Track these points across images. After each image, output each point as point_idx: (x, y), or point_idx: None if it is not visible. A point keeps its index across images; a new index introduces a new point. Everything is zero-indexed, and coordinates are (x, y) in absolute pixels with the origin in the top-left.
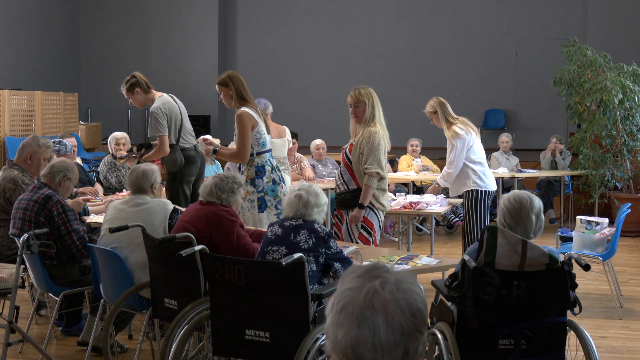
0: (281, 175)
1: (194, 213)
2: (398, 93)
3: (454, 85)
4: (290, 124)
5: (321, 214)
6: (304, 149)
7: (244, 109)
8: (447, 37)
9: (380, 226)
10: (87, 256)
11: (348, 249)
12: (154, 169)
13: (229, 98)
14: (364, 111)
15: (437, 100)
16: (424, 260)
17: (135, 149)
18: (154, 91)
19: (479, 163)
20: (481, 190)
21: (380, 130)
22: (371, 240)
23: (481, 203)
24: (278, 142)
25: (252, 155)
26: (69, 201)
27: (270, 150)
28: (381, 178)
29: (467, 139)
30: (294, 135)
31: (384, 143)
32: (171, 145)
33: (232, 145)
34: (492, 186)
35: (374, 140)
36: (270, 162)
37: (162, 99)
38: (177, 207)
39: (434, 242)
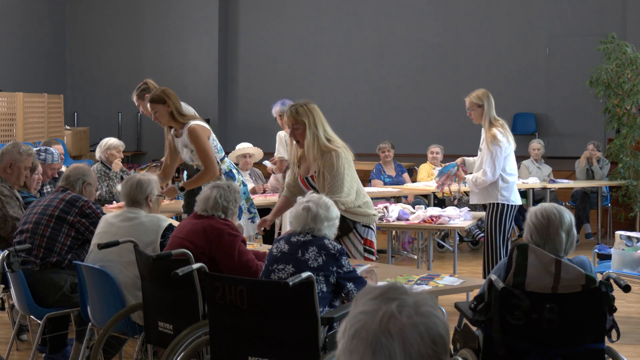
0: (241, 174)
1: (190, 228)
2: (417, 96)
3: (479, 86)
4: None
5: (332, 228)
6: None
7: (194, 122)
8: (472, 33)
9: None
10: None
11: (362, 268)
12: (151, 180)
13: (167, 116)
14: (303, 134)
15: (485, 92)
16: (446, 280)
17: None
18: None
19: (511, 174)
20: (508, 205)
21: (338, 150)
22: (374, 258)
23: (507, 218)
24: None
25: (217, 164)
26: None
27: (226, 155)
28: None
29: (504, 148)
30: None
31: (346, 162)
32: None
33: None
34: (519, 200)
35: (337, 166)
36: (232, 164)
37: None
38: (172, 223)
39: (457, 260)
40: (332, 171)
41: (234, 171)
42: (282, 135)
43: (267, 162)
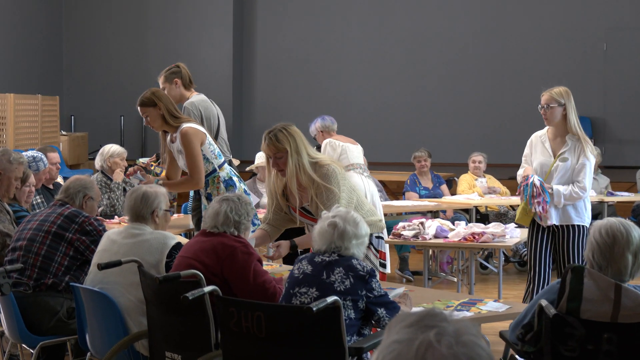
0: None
1: (199, 247)
2: (456, 98)
3: (527, 87)
4: None
5: (361, 247)
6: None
7: (187, 125)
8: (518, 27)
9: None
10: None
11: (394, 292)
12: (159, 193)
13: (159, 120)
14: (286, 162)
15: (568, 90)
16: (490, 305)
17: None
18: (193, 91)
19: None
20: (588, 229)
21: (330, 165)
22: (387, 273)
23: (585, 243)
24: (354, 148)
25: (214, 171)
26: None
27: (226, 161)
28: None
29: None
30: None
31: (340, 176)
32: None
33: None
34: None
35: (331, 182)
36: (233, 170)
37: (199, 96)
38: (181, 242)
39: (502, 283)
40: (326, 189)
41: (235, 179)
42: (327, 142)
43: None
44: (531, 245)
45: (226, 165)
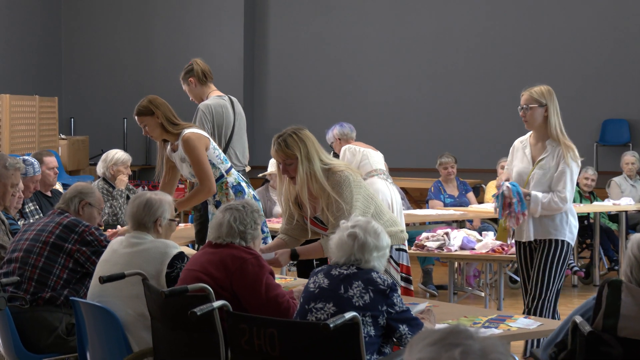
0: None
1: (206, 259)
2: (485, 99)
3: (560, 85)
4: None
5: (382, 259)
6: None
7: (188, 130)
8: (550, 19)
9: None
10: None
11: (417, 307)
12: (163, 200)
13: (158, 129)
14: (296, 169)
15: (550, 90)
16: (520, 322)
17: None
18: (212, 86)
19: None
20: (570, 246)
21: (344, 171)
22: (412, 288)
23: (566, 260)
24: (374, 154)
25: (222, 177)
26: None
27: (232, 165)
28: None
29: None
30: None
31: (354, 184)
32: None
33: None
34: None
35: (343, 191)
36: (241, 176)
37: (215, 98)
38: (184, 252)
39: None
40: (337, 201)
41: (243, 184)
42: (346, 148)
43: None
44: (520, 266)
45: (233, 170)
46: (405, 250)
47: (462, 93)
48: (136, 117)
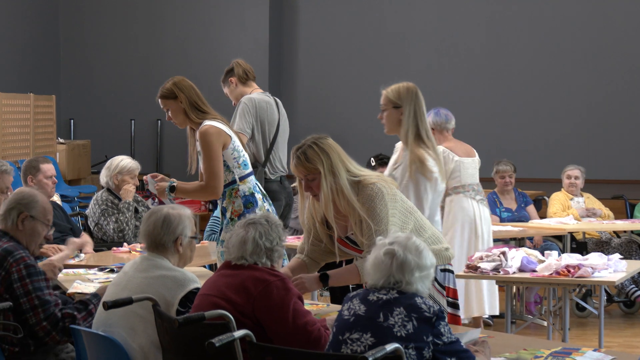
0: (271, 203)
1: (224, 282)
2: (548, 99)
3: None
4: (375, 140)
5: (425, 281)
6: None
7: (209, 122)
8: (627, 17)
9: None
10: (61, 340)
11: (469, 337)
12: (183, 216)
13: (181, 115)
14: (319, 185)
15: (412, 88)
16: (589, 356)
17: None
18: (254, 85)
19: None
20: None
21: (376, 184)
22: (462, 316)
23: None
24: (468, 162)
25: (234, 182)
26: (41, 263)
27: (253, 172)
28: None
29: (436, 184)
30: (383, 160)
31: (388, 197)
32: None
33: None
34: None
35: (376, 206)
36: (258, 187)
37: (259, 94)
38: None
39: (603, 328)
40: (366, 220)
41: (258, 196)
42: (440, 151)
43: None
44: None
45: (252, 178)
46: (451, 271)
47: (522, 92)
48: (159, 100)
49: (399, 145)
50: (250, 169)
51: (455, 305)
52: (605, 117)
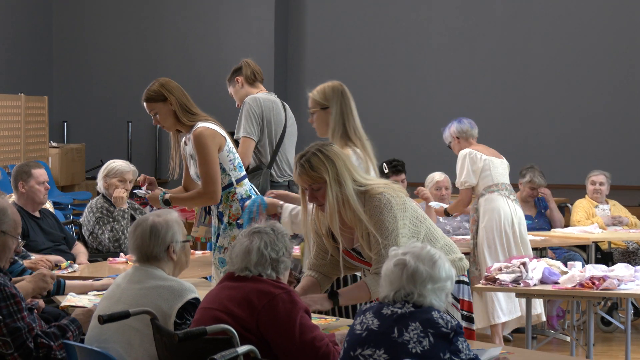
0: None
1: (226, 295)
2: (571, 99)
3: None
4: (387, 144)
5: (440, 294)
6: (416, 189)
7: (202, 124)
8: None
9: None
10: None
11: (487, 353)
12: (170, 221)
13: (170, 118)
14: (325, 195)
15: (338, 86)
16: None
17: None
18: (261, 86)
19: None
20: None
21: (384, 193)
22: (474, 328)
23: None
24: (497, 162)
25: (230, 185)
26: (27, 280)
27: (247, 175)
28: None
29: None
30: (397, 167)
31: (397, 207)
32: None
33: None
34: None
35: (384, 218)
36: (254, 189)
37: (264, 94)
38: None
39: (630, 344)
40: (373, 233)
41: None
42: (466, 153)
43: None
44: None
45: (246, 181)
46: (466, 283)
47: (543, 93)
48: (145, 104)
49: None
50: (244, 172)
51: (470, 319)
52: (632, 120)
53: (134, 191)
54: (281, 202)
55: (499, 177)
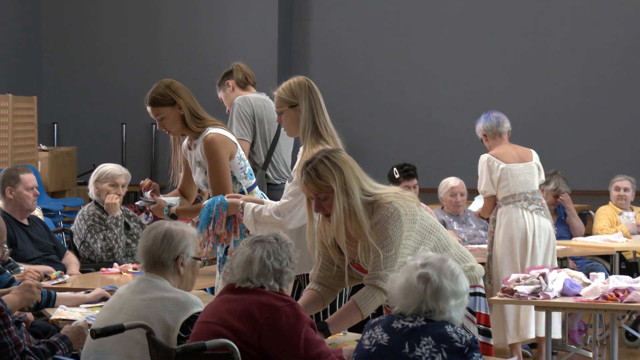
0: None
1: (225, 308)
2: (594, 102)
3: None
4: (396, 147)
5: (460, 309)
6: (429, 194)
7: (213, 130)
8: None
9: None
10: None
11: None
12: (186, 233)
13: (178, 123)
14: (332, 204)
15: (304, 82)
16: None
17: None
18: (253, 90)
19: None
20: None
21: (393, 203)
22: (492, 344)
23: None
24: (518, 169)
25: (241, 193)
26: (13, 292)
27: (257, 183)
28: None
29: None
30: (409, 171)
31: (405, 217)
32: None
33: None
34: None
35: (388, 227)
36: (265, 197)
37: (254, 94)
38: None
39: None
40: (374, 247)
41: None
42: (485, 160)
43: None
44: None
45: (257, 189)
46: (482, 295)
47: (565, 95)
48: (150, 108)
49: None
50: (254, 179)
51: (487, 333)
52: None
53: (137, 202)
54: (241, 201)
55: (518, 187)
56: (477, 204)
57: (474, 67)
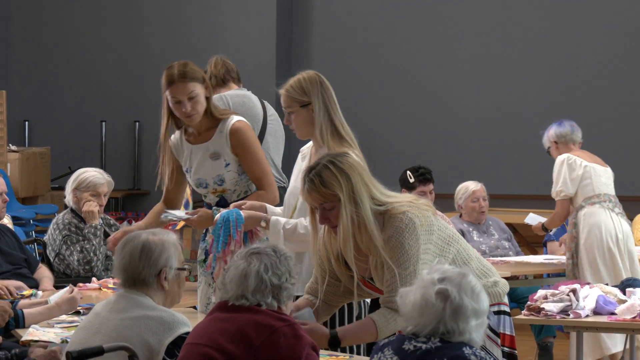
0: None
1: (217, 328)
2: (628, 100)
3: None
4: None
5: (481, 329)
6: (445, 200)
7: (238, 118)
8: None
9: None
10: None
11: None
12: (166, 243)
13: (204, 105)
14: (338, 214)
15: (315, 77)
16: None
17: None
18: (235, 86)
19: None
20: None
21: (407, 213)
22: None
23: None
24: (600, 170)
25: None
26: None
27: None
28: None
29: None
30: (425, 175)
31: (421, 229)
32: None
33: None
34: None
35: (404, 242)
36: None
37: (237, 90)
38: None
39: None
40: (387, 263)
41: None
42: (564, 158)
43: None
44: None
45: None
46: (507, 313)
47: (594, 95)
48: (181, 83)
49: (307, 149)
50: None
51: (512, 357)
52: None
53: (163, 216)
54: (263, 214)
55: (602, 187)
56: (533, 219)
57: (495, 62)
